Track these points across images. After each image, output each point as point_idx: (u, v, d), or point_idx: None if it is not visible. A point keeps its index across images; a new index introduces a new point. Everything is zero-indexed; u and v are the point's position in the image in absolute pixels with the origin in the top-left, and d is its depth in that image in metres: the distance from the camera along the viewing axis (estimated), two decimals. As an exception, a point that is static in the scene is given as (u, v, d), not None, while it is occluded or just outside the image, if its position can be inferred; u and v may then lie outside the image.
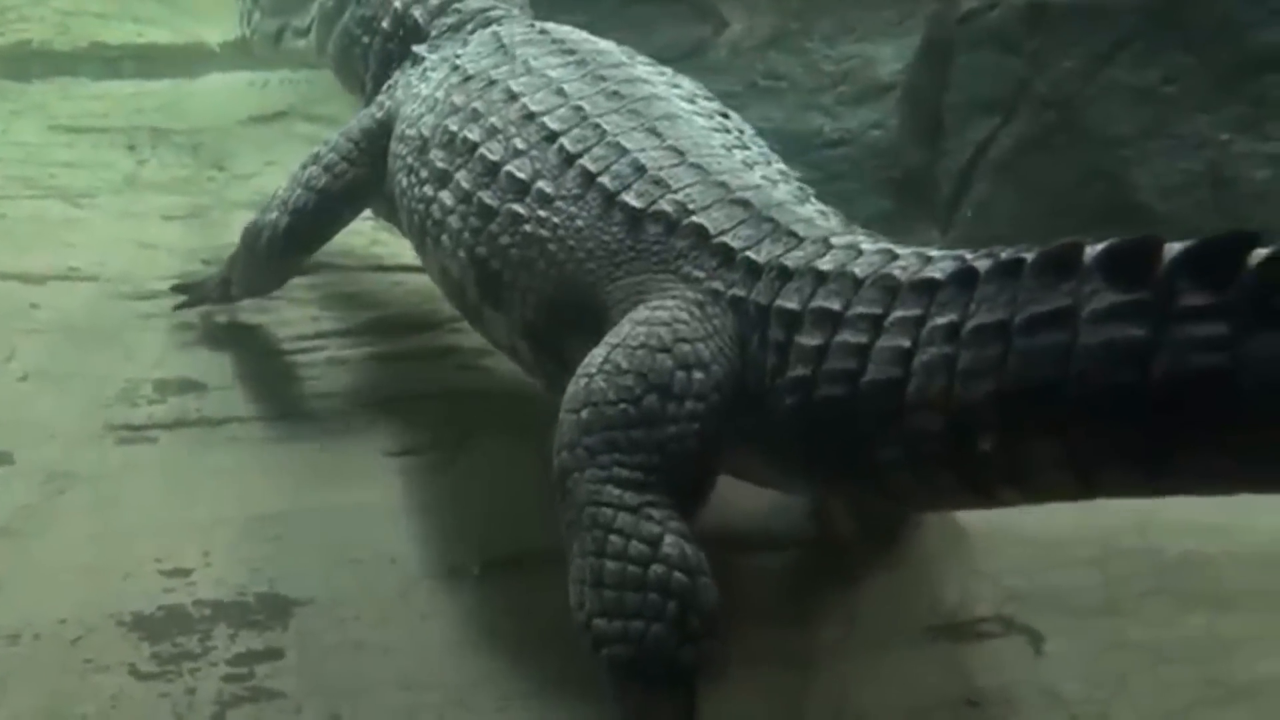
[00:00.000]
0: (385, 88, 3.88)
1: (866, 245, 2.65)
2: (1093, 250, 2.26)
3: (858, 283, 2.54)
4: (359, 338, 4.12)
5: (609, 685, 2.54)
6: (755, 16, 5.37)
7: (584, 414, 2.63)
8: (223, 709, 2.70)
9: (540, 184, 3.02)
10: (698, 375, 2.61)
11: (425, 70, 3.73)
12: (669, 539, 2.52)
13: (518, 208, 3.03)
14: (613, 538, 2.52)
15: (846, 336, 2.50)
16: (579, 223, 2.92)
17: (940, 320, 2.40)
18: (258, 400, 3.80)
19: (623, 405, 2.60)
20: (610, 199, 2.91)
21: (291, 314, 4.21)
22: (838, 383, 2.50)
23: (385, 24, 4.12)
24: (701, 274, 2.74)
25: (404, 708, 2.74)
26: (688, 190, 2.86)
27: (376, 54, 4.14)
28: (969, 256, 2.47)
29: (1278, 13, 5.11)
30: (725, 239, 2.74)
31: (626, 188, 2.90)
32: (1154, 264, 2.17)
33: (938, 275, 2.45)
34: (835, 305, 2.54)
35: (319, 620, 2.95)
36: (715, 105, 3.34)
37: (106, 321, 4.13)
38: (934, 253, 2.57)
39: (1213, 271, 2.11)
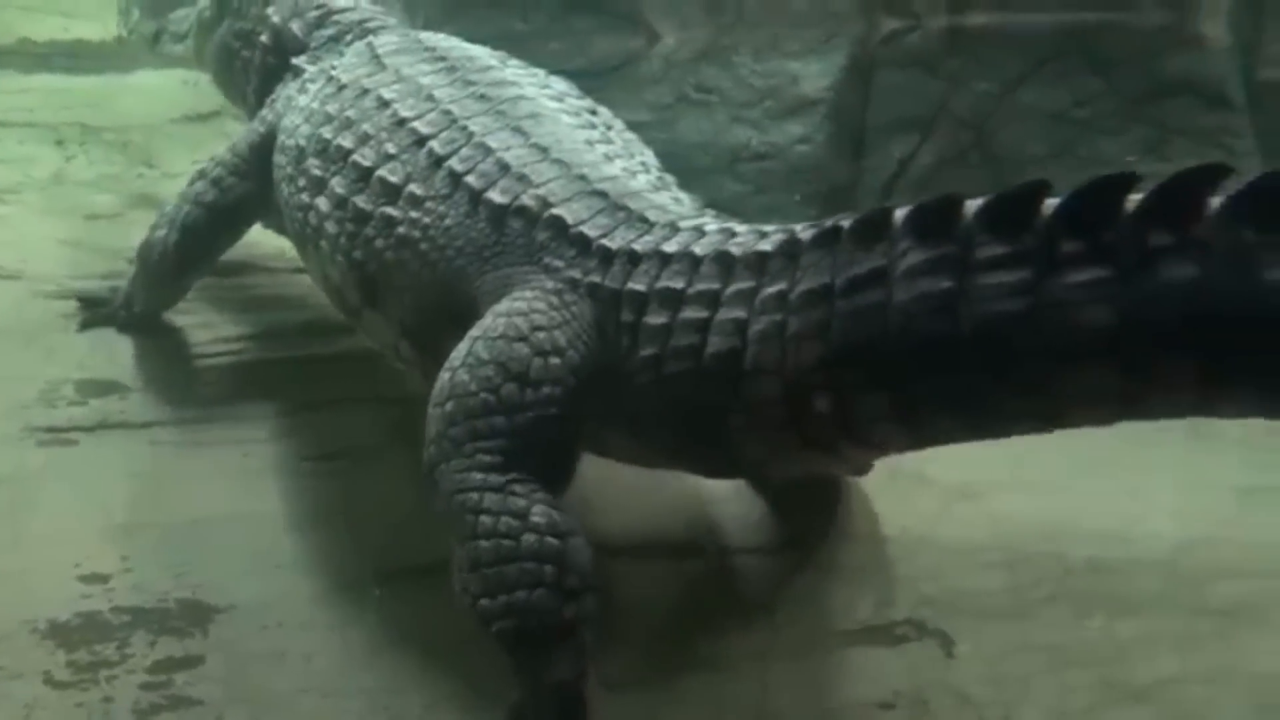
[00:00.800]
0: (268, 101, 3.88)
1: (710, 226, 2.72)
2: (901, 212, 2.35)
3: (698, 261, 2.62)
4: (284, 340, 4.04)
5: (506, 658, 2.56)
6: (687, 30, 5.38)
7: (448, 406, 2.68)
8: (141, 718, 2.62)
9: (411, 186, 3.06)
10: (554, 361, 2.66)
11: (304, 82, 3.75)
12: (536, 509, 2.56)
13: (391, 210, 3.06)
14: (483, 519, 2.55)
15: (689, 313, 2.59)
16: (448, 222, 2.96)
17: (771, 290, 2.49)
18: (181, 403, 3.69)
19: (483, 395, 2.65)
20: (476, 197, 2.95)
21: (216, 316, 4.11)
22: (684, 358, 2.58)
23: (264, 38, 4.11)
24: (561, 263, 2.79)
25: (326, 715, 2.68)
26: (549, 185, 2.91)
27: (257, 68, 4.13)
28: (798, 229, 2.55)
29: (1183, 43, 5.25)
30: (582, 229, 2.80)
31: (491, 185, 2.95)
32: (957, 219, 2.26)
33: (767, 248, 2.53)
34: (678, 284, 2.62)
35: (240, 627, 2.87)
36: (585, 104, 3.41)
37: (28, 321, 3.99)
38: (769, 228, 2.64)
39: (1010, 222, 2.21)
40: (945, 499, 3.35)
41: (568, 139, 3.07)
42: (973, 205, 2.26)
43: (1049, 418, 2.29)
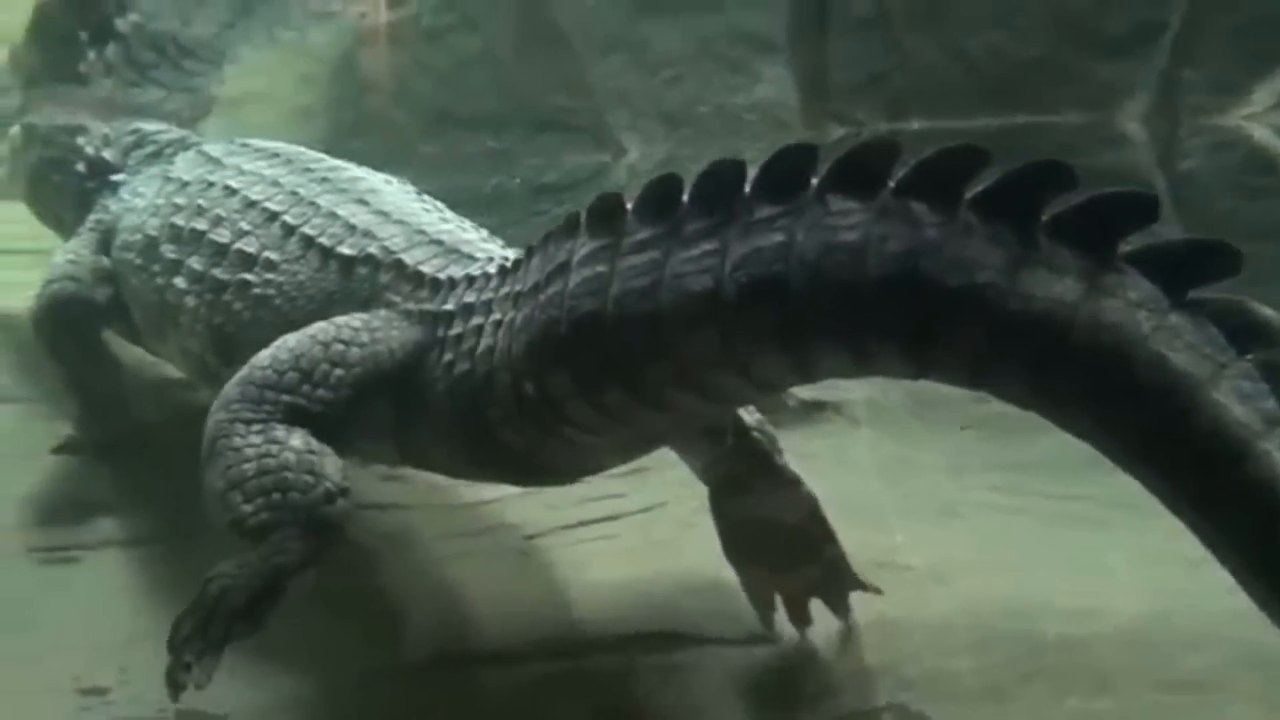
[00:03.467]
0: (93, 217, 4.06)
1: (513, 254, 2.87)
2: (583, 214, 2.48)
3: (489, 278, 2.79)
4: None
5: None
6: (649, 144, 5.49)
7: (242, 370, 2.88)
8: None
9: (267, 254, 3.26)
10: (338, 371, 2.84)
11: (136, 188, 3.98)
12: (295, 436, 2.74)
13: (248, 276, 3.26)
14: (246, 450, 2.72)
15: (474, 321, 2.77)
16: (301, 277, 3.17)
17: (507, 291, 2.70)
18: (176, 517, 3.57)
19: (270, 371, 2.84)
20: (327, 253, 3.17)
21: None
22: (465, 359, 2.75)
23: (79, 166, 4.31)
24: (399, 298, 2.98)
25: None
26: (393, 238, 3.12)
27: (74, 193, 4.31)
28: None
29: (1105, 140, 5.41)
30: (420, 267, 3.00)
31: (341, 242, 3.17)
32: (621, 217, 2.39)
33: (517, 256, 2.73)
34: (471, 299, 2.81)
35: (237, 737, 2.77)
36: (411, 189, 3.61)
37: (26, 442, 3.95)
38: None
39: (654, 212, 2.33)
40: (918, 583, 3.31)
41: (405, 205, 3.31)
42: (629, 203, 2.41)
43: (694, 387, 2.38)
